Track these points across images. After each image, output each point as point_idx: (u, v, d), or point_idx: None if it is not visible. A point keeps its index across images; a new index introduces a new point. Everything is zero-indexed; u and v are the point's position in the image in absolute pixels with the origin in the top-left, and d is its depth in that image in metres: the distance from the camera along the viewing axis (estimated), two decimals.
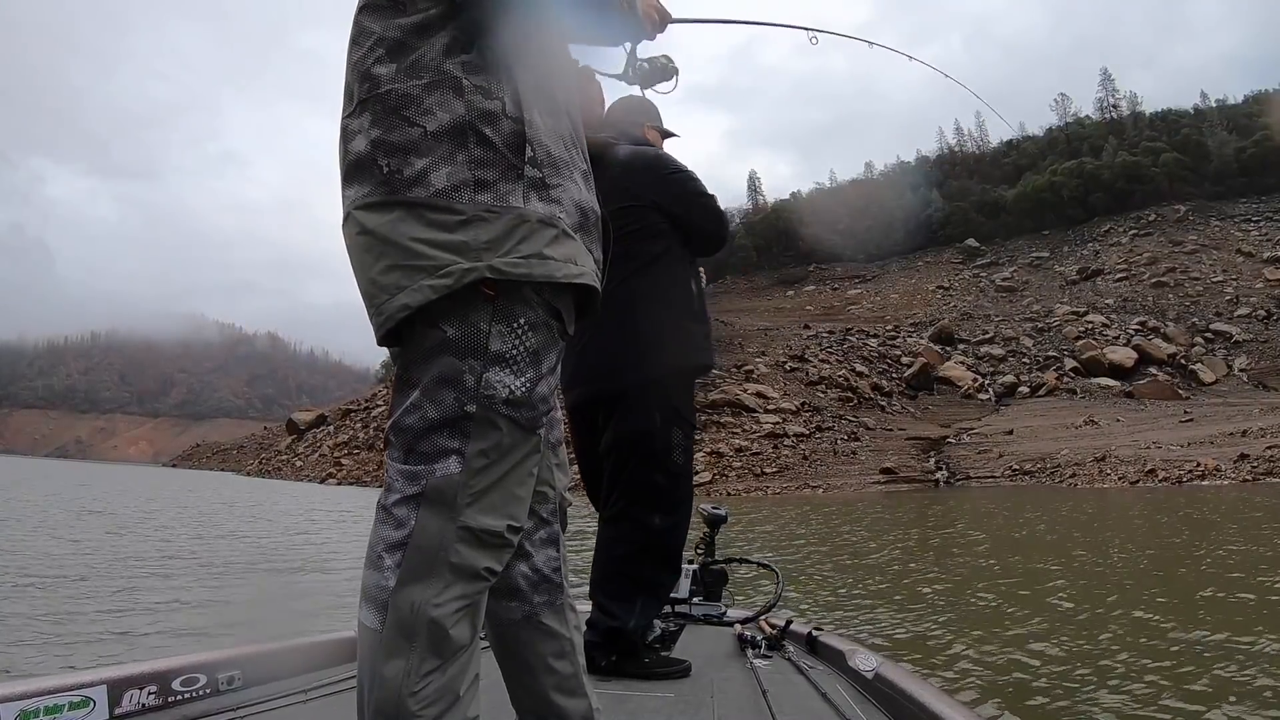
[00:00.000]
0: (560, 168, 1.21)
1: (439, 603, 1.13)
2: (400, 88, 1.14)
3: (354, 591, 1.19)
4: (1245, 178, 68.00)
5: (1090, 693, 3.79)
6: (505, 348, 1.15)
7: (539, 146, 1.18)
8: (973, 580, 7.37)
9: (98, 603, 6.17)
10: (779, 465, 32.02)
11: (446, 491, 1.14)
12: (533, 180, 1.16)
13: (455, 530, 1.14)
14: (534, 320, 1.17)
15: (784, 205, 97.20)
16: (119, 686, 1.77)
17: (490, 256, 1.11)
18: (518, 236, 1.13)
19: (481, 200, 1.12)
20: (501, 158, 1.14)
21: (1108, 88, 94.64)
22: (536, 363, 1.18)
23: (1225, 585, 6.33)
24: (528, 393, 1.17)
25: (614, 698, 2.11)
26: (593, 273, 1.24)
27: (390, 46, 1.17)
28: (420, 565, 1.13)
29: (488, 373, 1.14)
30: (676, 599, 3.26)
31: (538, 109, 1.20)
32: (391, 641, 1.12)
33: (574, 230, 1.21)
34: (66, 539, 10.59)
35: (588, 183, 1.29)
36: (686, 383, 2.60)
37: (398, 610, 1.12)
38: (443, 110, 1.13)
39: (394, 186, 1.12)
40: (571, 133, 1.28)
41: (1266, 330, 49.91)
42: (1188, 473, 20.94)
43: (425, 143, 1.12)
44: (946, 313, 60.16)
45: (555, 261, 1.15)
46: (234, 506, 20.74)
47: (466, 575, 1.15)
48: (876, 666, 2.23)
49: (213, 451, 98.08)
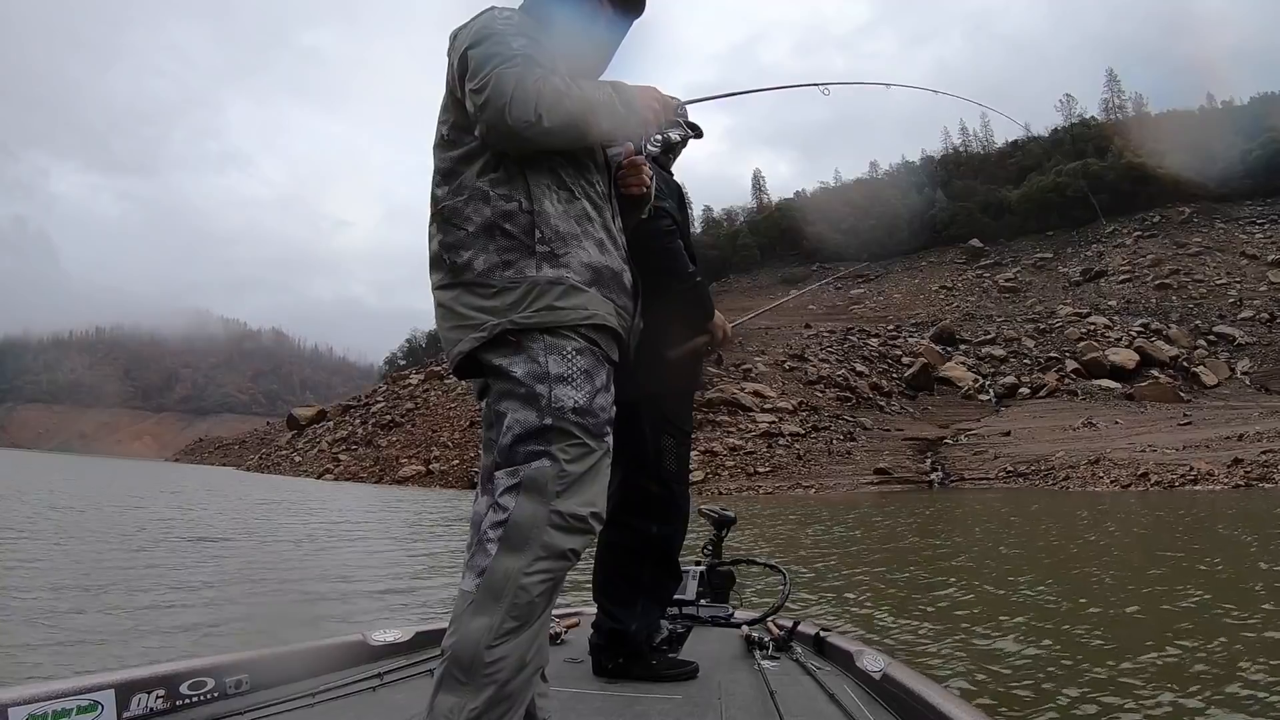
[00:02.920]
0: (568, 240, 1.59)
1: (528, 572, 1.43)
2: (450, 204, 1.61)
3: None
4: (1250, 180, 67.43)
5: (1095, 693, 3.78)
6: (563, 370, 1.53)
7: (548, 228, 1.57)
8: (976, 581, 7.39)
9: (104, 606, 6.10)
10: (772, 465, 31.88)
11: (540, 480, 1.48)
12: (544, 254, 1.56)
13: (548, 514, 1.46)
14: (579, 347, 1.55)
15: (788, 204, 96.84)
16: (126, 690, 1.80)
17: (511, 314, 1.53)
18: (531, 297, 1.54)
19: (507, 275, 1.55)
20: (519, 243, 1.56)
21: (1113, 88, 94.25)
22: (590, 379, 1.56)
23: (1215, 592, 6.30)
24: (589, 401, 1.54)
25: (622, 700, 2.16)
26: (605, 314, 1.61)
27: (444, 174, 1.65)
28: (516, 539, 1.45)
29: (555, 389, 1.52)
30: (684, 600, 3.27)
31: (549, 199, 1.59)
32: (481, 600, 1.42)
33: (586, 285, 1.58)
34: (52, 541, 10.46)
35: (603, 248, 1.65)
36: (685, 394, 2.69)
37: (492, 574, 1.43)
38: (477, 215, 1.58)
39: (455, 273, 1.59)
40: (583, 211, 1.64)
41: (1270, 333, 49.52)
42: (1180, 477, 20.73)
43: (468, 239, 1.58)
44: (949, 313, 59.92)
45: (563, 310, 1.55)
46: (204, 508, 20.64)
47: (554, 554, 1.46)
48: (884, 667, 2.24)
49: (215, 446, 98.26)
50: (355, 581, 7.67)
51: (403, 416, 51.28)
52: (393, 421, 51.05)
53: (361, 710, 2.00)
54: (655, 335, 2.42)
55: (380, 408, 55.62)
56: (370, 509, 20.67)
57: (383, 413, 53.84)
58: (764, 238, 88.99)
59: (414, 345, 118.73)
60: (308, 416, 66.73)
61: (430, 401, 52.39)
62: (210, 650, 2.42)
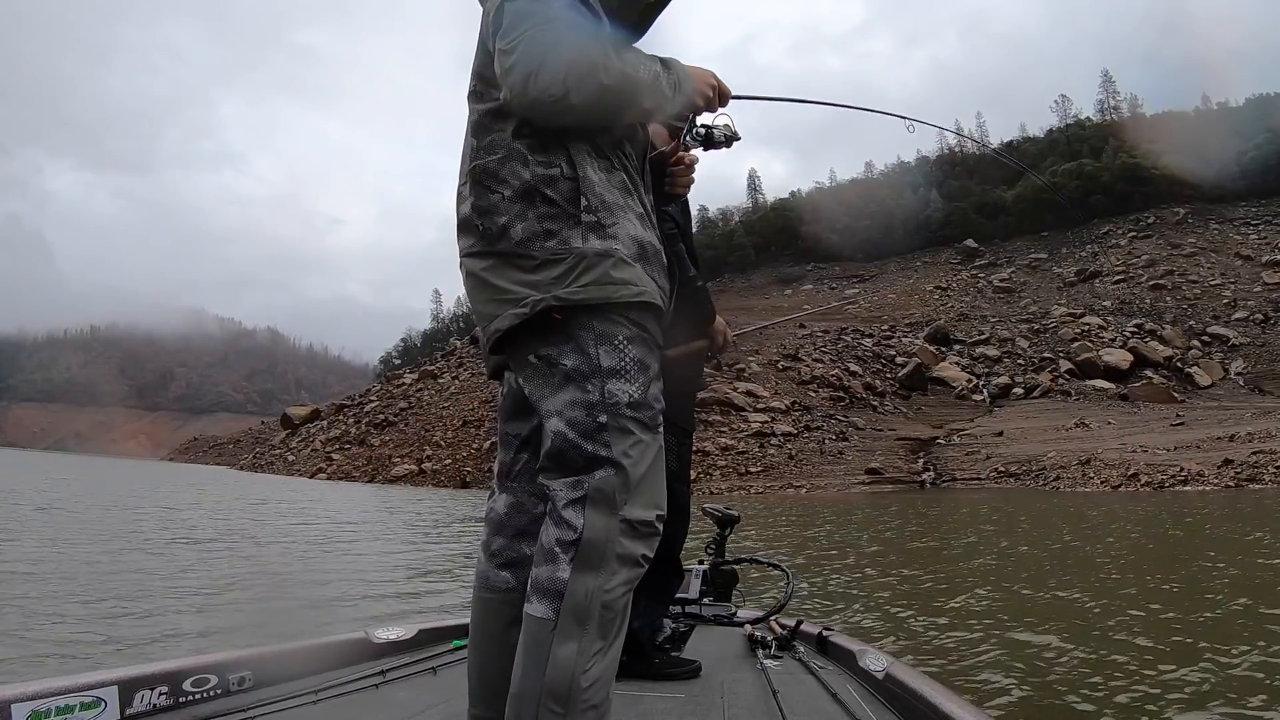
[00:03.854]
0: (614, 210, 1.45)
1: (609, 588, 1.35)
2: (483, 163, 1.45)
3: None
4: (1246, 181, 67.50)
5: (1099, 692, 3.76)
6: (615, 362, 1.41)
7: (593, 196, 1.43)
8: (974, 581, 7.39)
9: (101, 606, 6.02)
10: (764, 465, 31.81)
11: (606, 491, 1.37)
12: (590, 224, 1.42)
13: (618, 525, 1.37)
14: (630, 335, 1.43)
15: (783, 204, 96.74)
16: (130, 687, 1.80)
17: (556, 288, 1.39)
18: (578, 270, 1.39)
19: (549, 246, 1.40)
20: (562, 210, 1.42)
21: (1108, 89, 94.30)
22: (644, 369, 1.44)
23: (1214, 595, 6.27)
24: (644, 394, 1.43)
25: (625, 698, 2.13)
26: (654, 291, 1.47)
27: (477, 128, 1.50)
28: (593, 557, 1.35)
29: (608, 384, 1.40)
30: (687, 599, 3.28)
31: (590, 166, 1.45)
32: (566, 627, 1.33)
33: (633, 259, 1.44)
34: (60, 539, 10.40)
35: (645, 222, 1.52)
36: (685, 394, 2.66)
37: (573, 597, 1.33)
38: (514, 178, 1.43)
39: (488, 240, 1.44)
40: (627, 184, 1.51)
41: (1264, 334, 49.60)
42: (1170, 477, 20.67)
43: (504, 203, 1.43)
44: (943, 313, 59.85)
45: (614, 284, 1.41)
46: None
47: (630, 563, 1.38)
48: (887, 667, 2.25)
49: (209, 446, 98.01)
50: (353, 583, 7.63)
51: (396, 416, 51.16)
52: (386, 421, 50.92)
53: (364, 707, 2.02)
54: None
55: (374, 407, 55.45)
56: (365, 509, 20.52)
57: (376, 412, 53.70)
58: (759, 237, 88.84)
59: (409, 344, 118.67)
60: (302, 416, 66.53)
61: (424, 401, 52.27)
62: (213, 648, 2.42)
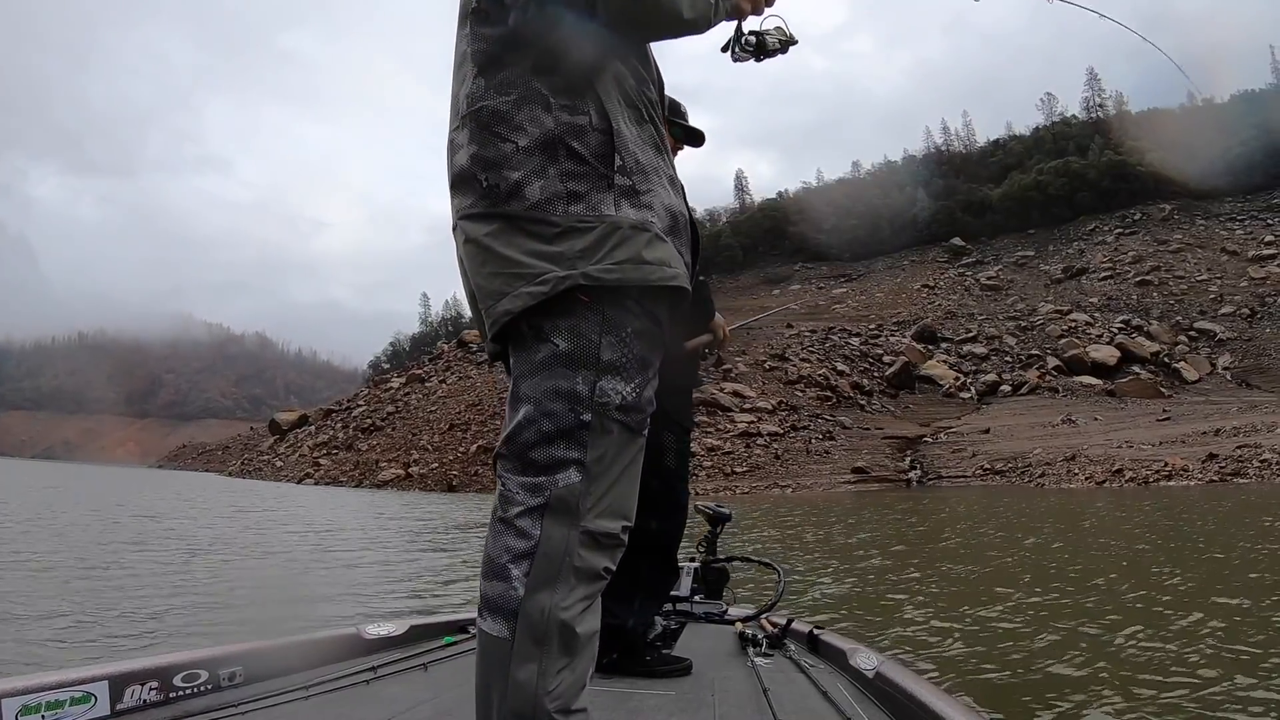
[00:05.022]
0: (649, 174, 1.24)
1: (566, 605, 1.20)
2: (493, 104, 1.20)
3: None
4: (1231, 177, 67.82)
5: (1091, 689, 3.75)
6: (616, 357, 1.21)
7: (628, 155, 1.21)
8: (962, 578, 7.32)
9: (101, 597, 6.05)
10: (750, 464, 31.65)
11: (569, 500, 1.20)
12: (623, 188, 1.20)
13: (578, 536, 1.20)
14: (639, 328, 1.22)
15: (771, 204, 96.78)
16: (121, 682, 1.78)
17: (584, 264, 1.16)
18: (611, 244, 1.17)
19: (575, 211, 1.18)
20: (592, 169, 1.19)
21: (1094, 87, 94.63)
22: (644, 368, 1.25)
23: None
24: (637, 397, 1.24)
25: (615, 695, 2.14)
26: (685, 275, 1.27)
27: (482, 61, 1.23)
28: (548, 572, 1.19)
29: (601, 381, 1.20)
30: (678, 597, 3.26)
31: (623, 118, 1.23)
32: (523, 648, 1.19)
33: (666, 234, 1.24)
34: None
35: (674, 187, 1.31)
36: (683, 391, 2.63)
37: (528, 617, 1.18)
38: (533, 125, 1.19)
39: (494, 199, 1.20)
40: (657, 139, 1.30)
41: (1250, 328, 49.83)
42: (1155, 473, 20.57)
43: (517, 157, 1.18)
44: (931, 311, 59.90)
45: (650, 265, 1.20)
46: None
47: (588, 577, 1.22)
48: (877, 665, 2.23)
49: (198, 452, 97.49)
50: (349, 585, 7.58)
51: (383, 420, 50.84)
52: (373, 425, 50.60)
53: (355, 703, 2.00)
54: None
55: (361, 411, 55.13)
56: (357, 512, 20.26)
57: (364, 416, 53.39)
58: (747, 238, 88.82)
59: (398, 348, 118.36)
60: (290, 421, 66.20)
61: (410, 405, 51.94)
62: (204, 643, 2.38)
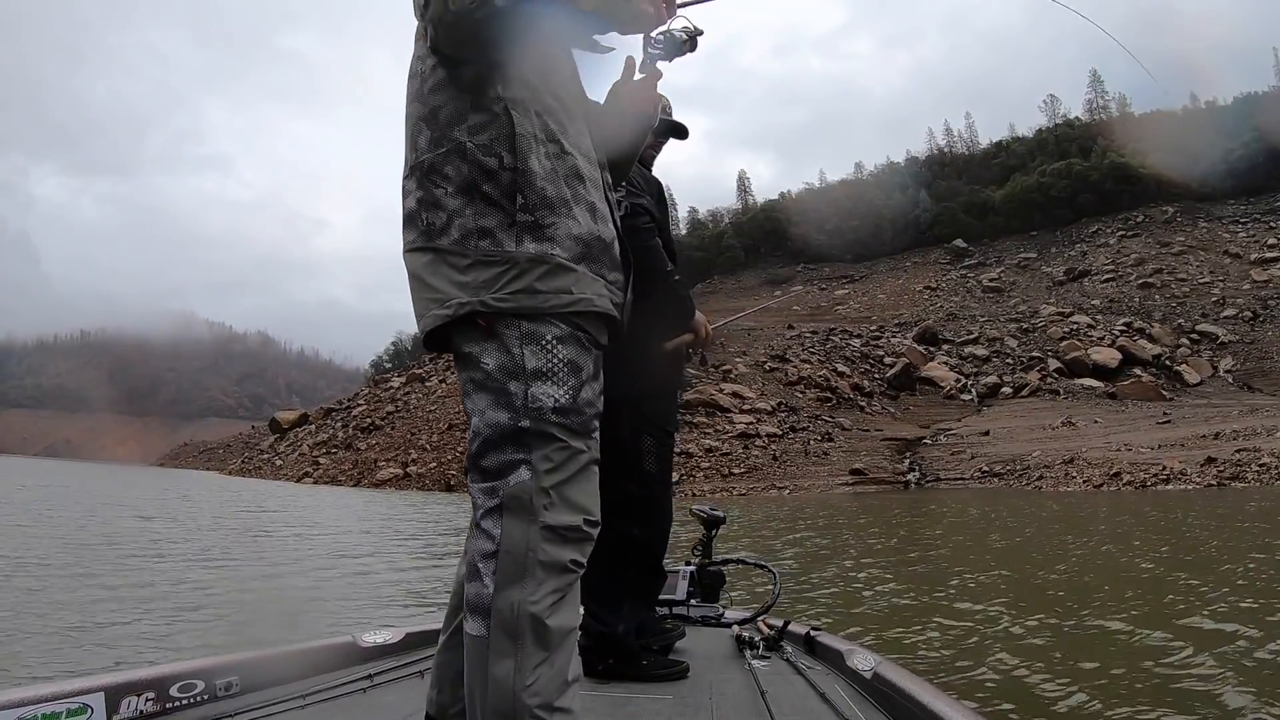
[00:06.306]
0: (556, 206, 1.34)
1: (535, 599, 1.27)
2: (430, 157, 1.37)
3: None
4: (1233, 179, 67.62)
5: (1090, 691, 3.71)
6: (541, 364, 1.31)
7: (532, 192, 1.33)
8: (958, 579, 7.36)
9: (95, 606, 5.97)
10: (748, 466, 31.54)
11: (523, 498, 1.29)
12: (525, 224, 1.33)
13: (538, 531, 1.29)
14: (560, 334, 1.33)
15: (772, 205, 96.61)
16: (116, 693, 1.78)
17: (484, 294, 1.31)
18: (507, 277, 1.31)
19: (483, 246, 1.32)
20: (498, 208, 1.33)
21: (1097, 89, 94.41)
22: (575, 371, 1.34)
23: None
24: (573, 398, 1.33)
25: (613, 700, 2.17)
26: (594, 295, 1.36)
27: (426, 119, 1.39)
28: (513, 569, 1.28)
29: (532, 387, 1.31)
30: (674, 600, 3.27)
31: (536, 154, 1.35)
32: (498, 644, 1.27)
33: (574, 261, 1.34)
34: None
35: (595, 214, 1.40)
36: (665, 394, 2.63)
37: (499, 613, 1.27)
38: (456, 173, 1.35)
39: (429, 235, 1.36)
40: (574, 169, 1.39)
41: (1252, 331, 49.66)
42: (1153, 476, 20.44)
43: (447, 200, 1.35)
44: (932, 313, 59.80)
45: (543, 294, 1.32)
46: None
47: (556, 570, 1.29)
48: (875, 666, 2.23)
49: (199, 451, 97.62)
50: (345, 585, 7.54)
51: (383, 420, 50.79)
52: (373, 425, 50.56)
53: (352, 712, 2.02)
54: (635, 335, 2.35)
55: (361, 411, 55.09)
56: (339, 514, 20.22)
57: (364, 416, 53.34)
58: (749, 239, 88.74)
59: (400, 348, 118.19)
60: (290, 420, 66.29)
61: (410, 404, 51.92)
62: (200, 652, 2.40)
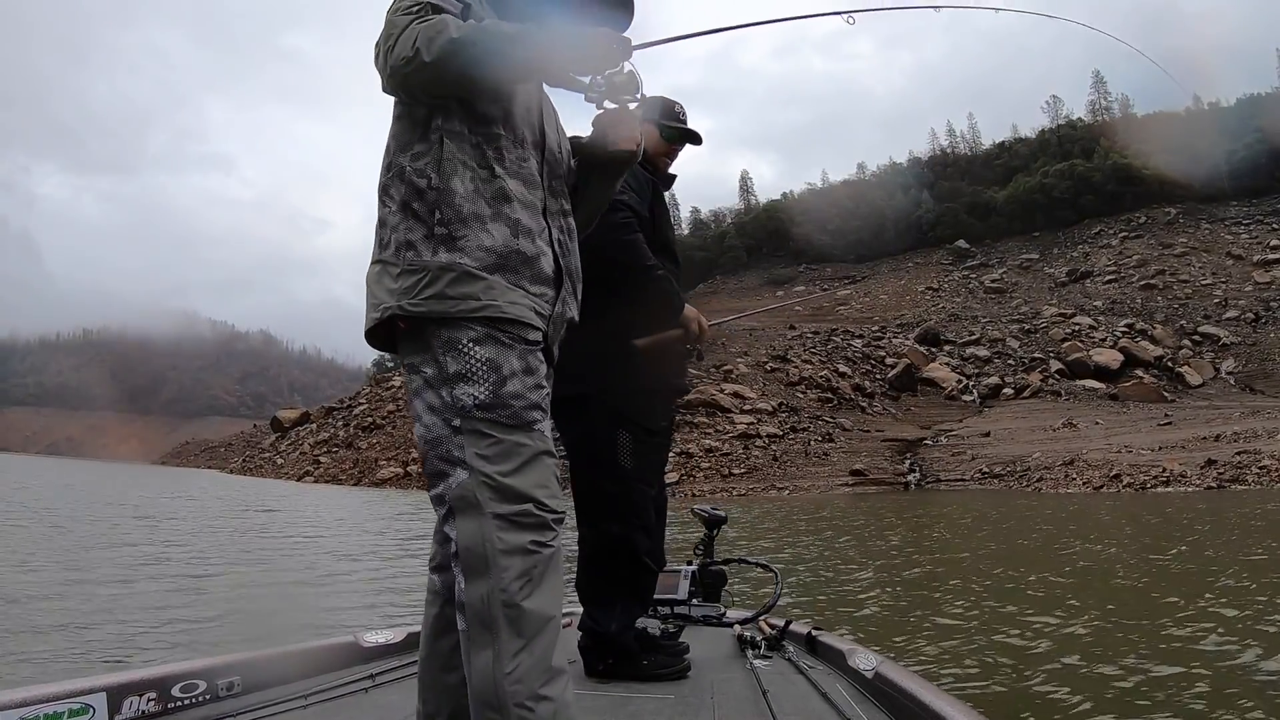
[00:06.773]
0: (469, 221, 1.46)
1: (504, 586, 1.34)
2: (383, 180, 1.54)
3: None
4: (1236, 181, 67.51)
5: (1088, 692, 3.71)
6: (460, 366, 1.43)
7: (449, 208, 1.46)
8: (958, 579, 7.35)
9: (95, 607, 6.04)
10: (748, 466, 31.47)
11: (467, 496, 1.39)
12: (441, 237, 1.46)
13: (490, 521, 1.37)
14: (476, 336, 1.43)
15: (774, 205, 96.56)
16: (118, 693, 1.79)
17: (403, 299, 1.45)
18: (423, 283, 1.44)
19: (408, 257, 1.47)
20: (422, 223, 1.47)
21: (1099, 90, 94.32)
22: (494, 368, 1.44)
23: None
24: (493, 394, 1.43)
25: (614, 700, 2.18)
26: (505, 304, 1.46)
27: (388, 144, 1.56)
28: (475, 561, 1.36)
29: (455, 390, 1.42)
30: (675, 600, 3.29)
31: (459, 177, 1.48)
32: (476, 636, 1.34)
33: (485, 270, 1.45)
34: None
35: (519, 230, 1.51)
36: (646, 390, 2.59)
37: (472, 606, 1.35)
38: (397, 194, 1.50)
39: (380, 248, 1.52)
40: (500, 191, 1.50)
41: (1254, 333, 49.57)
42: (1152, 478, 20.36)
43: (390, 217, 1.51)
44: (934, 314, 59.75)
45: (451, 299, 1.43)
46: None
47: (518, 553, 1.36)
48: (876, 666, 2.24)
49: (200, 449, 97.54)
50: (343, 586, 7.59)
51: (384, 418, 50.76)
52: (374, 423, 50.54)
53: (354, 711, 2.03)
54: (614, 329, 2.40)
55: (363, 410, 55.05)
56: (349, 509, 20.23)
57: (365, 415, 53.31)
58: (751, 239, 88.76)
59: None
60: (291, 419, 66.21)
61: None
62: (202, 652, 2.42)
